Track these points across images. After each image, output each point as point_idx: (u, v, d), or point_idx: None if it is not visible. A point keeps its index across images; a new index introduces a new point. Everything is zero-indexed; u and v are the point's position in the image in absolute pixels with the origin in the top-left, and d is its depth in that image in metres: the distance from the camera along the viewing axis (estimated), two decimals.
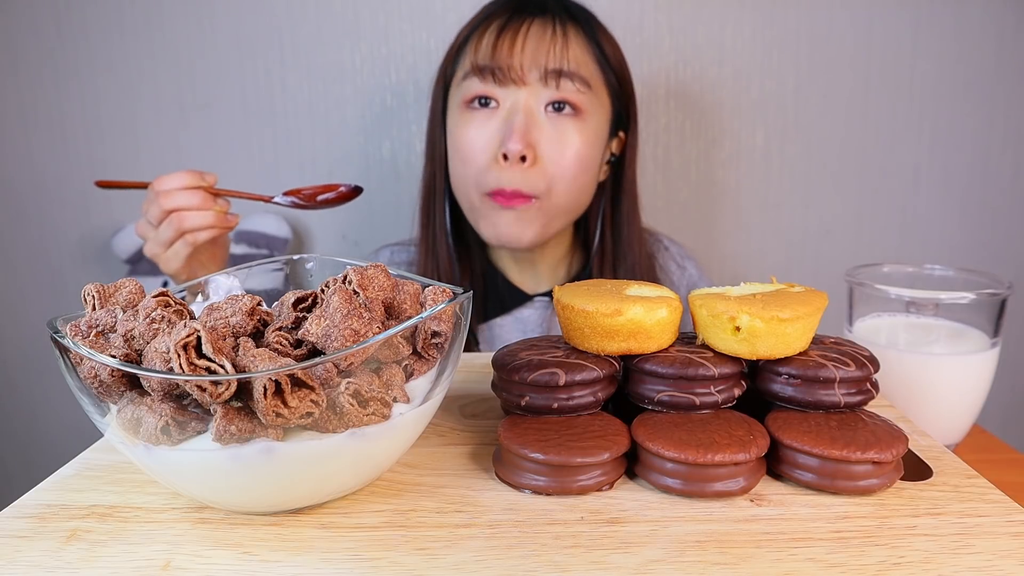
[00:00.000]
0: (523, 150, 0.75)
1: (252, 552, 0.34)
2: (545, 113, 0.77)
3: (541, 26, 0.77)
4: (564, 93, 0.76)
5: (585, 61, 0.78)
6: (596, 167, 0.81)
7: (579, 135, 0.77)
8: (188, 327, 0.32)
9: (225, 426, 0.32)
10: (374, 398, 0.35)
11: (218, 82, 1.05)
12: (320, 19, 1.04)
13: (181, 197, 0.71)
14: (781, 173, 1.09)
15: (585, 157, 0.78)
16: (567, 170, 0.77)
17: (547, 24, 0.77)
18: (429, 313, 0.37)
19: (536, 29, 0.76)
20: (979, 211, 1.10)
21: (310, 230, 1.11)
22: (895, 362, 0.60)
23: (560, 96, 0.76)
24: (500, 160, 0.76)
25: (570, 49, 0.76)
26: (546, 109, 0.77)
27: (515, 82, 0.76)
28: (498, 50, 0.76)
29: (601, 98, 0.80)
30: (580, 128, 0.77)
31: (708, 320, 0.43)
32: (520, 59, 0.75)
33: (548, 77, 0.75)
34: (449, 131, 0.81)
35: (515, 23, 0.77)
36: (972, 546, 0.34)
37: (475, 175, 0.78)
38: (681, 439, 0.38)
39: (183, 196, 0.71)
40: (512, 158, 0.75)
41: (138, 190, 0.75)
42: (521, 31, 0.76)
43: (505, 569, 0.33)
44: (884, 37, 1.05)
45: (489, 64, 0.76)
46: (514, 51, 0.76)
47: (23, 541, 0.35)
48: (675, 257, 0.94)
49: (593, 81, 0.78)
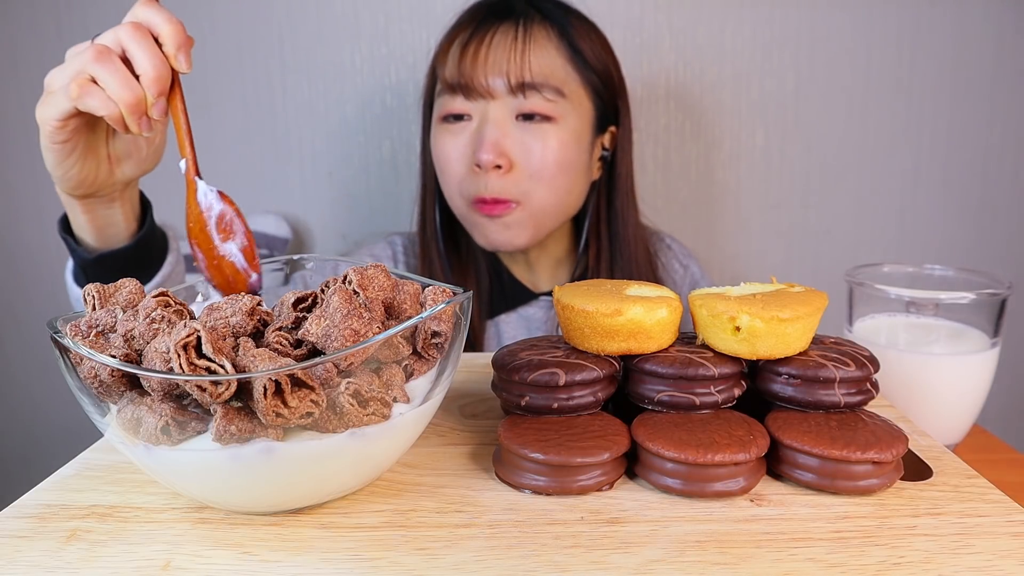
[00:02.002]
0: (495, 160, 0.75)
1: (252, 552, 0.34)
2: (516, 122, 0.77)
3: (504, 33, 0.76)
4: (532, 104, 0.76)
5: (554, 67, 0.77)
6: (580, 166, 0.80)
7: (555, 138, 0.77)
8: (188, 327, 0.32)
9: (225, 426, 0.32)
10: (374, 398, 0.35)
11: (218, 82, 1.05)
12: (320, 19, 1.04)
13: (134, 47, 0.49)
14: (781, 173, 1.09)
15: (563, 159, 0.78)
16: (544, 173, 0.77)
17: (510, 30, 0.76)
18: (429, 313, 0.37)
19: (499, 38, 0.76)
20: (979, 211, 1.10)
21: (310, 230, 1.11)
22: (895, 362, 0.60)
23: (529, 106, 0.76)
24: (475, 169, 0.77)
25: (534, 56, 0.75)
26: (517, 119, 0.77)
27: (482, 96, 0.76)
28: (463, 65, 0.76)
29: (577, 100, 0.79)
30: (555, 131, 0.77)
31: (708, 320, 0.43)
32: (484, 73, 0.75)
33: (514, 88, 0.75)
34: (431, 142, 0.83)
35: (479, 34, 0.77)
36: (972, 546, 0.34)
37: (456, 185, 0.79)
38: (681, 439, 0.38)
39: (135, 47, 0.49)
40: (485, 167, 0.76)
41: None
42: (484, 42, 0.76)
43: (505, 569, 0.33)
44: (884, 37, 1.05)
45: (456, 80, 0.77)
46: (477, 65, 0.76)
47: (23, 541, 0.35)
48: (678, 256, 0.94)
49: (566, 86, 0.77)
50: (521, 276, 0.89)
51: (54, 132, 0.53)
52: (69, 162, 0.56)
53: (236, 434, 0.32)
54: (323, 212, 1.10)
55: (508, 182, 0.77)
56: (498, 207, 0.77)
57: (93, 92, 0.50)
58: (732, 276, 1.11)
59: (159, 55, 0.50)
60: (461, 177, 0.79)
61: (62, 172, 0.57)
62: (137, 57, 0.49)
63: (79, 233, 0.63)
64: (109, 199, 0.61)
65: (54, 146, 0.54)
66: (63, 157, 0.55)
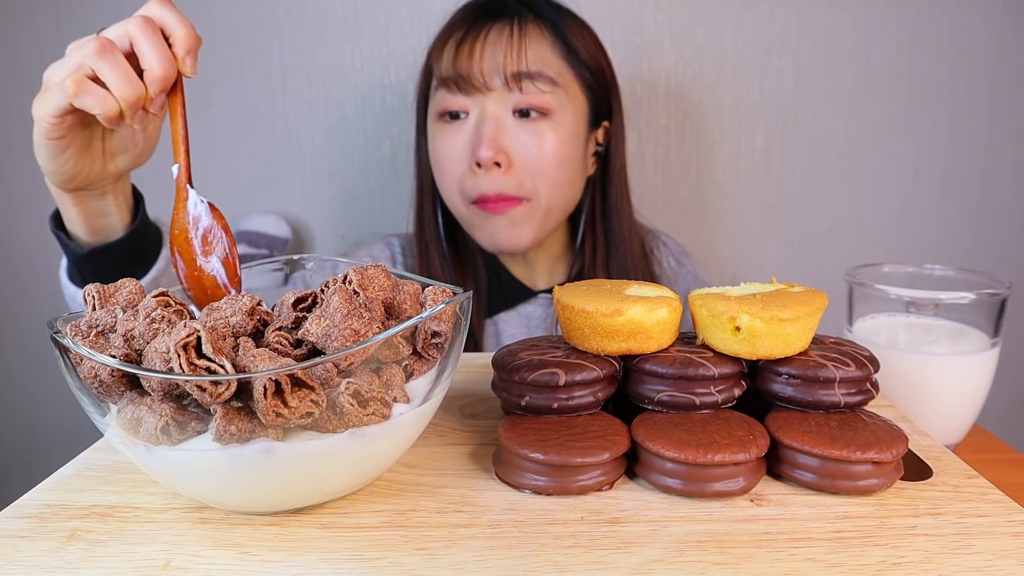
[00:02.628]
0: (494, 156, 0.75)
1: (252, 552, 0.34)
2: (513, 118, 0.77)
3: (499, 30, 0.77)
4: (529, 96, 0.76)
5: (548, 59, 0.77)
6: (577, 163, 0.81)
7: (552, 134, 0.77)
8: (188, 327, 0.32)
9: (225, 426, 0.32)
10: (374, 398, 0.35)
11: (218, 82, 1.05)
12: (320, 19, 1.04)
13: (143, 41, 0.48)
14: (781, 173, 1.09)
15: (561, 155, 0.78)
16: (544, 170, 0.77)
17: (504, 27, 0.77)
18: (429, 313, 0.37)
19: (494, 34, 0.76)
20: (979, 211, 1.10)
21: (310, 230, 1.11)
22: (895, 362, 0.60)
23: (526, 101, 0.76)
24: (475, 167, 0.77)
25: (529, 49, 0.76)
26: (514, 115, 0.77)
27: (479, 90, 0.76)
28: (458, 60, 0.76)
29: (572, 94, 0.79)
30: (552, 127, 0.77)
31: (708, 320, 0.43)
32: (480, 67, 0.76)
33: (510, 81, 0.76)
34: (428, 142, 0.82)
35: (474, 31, 0.77)
36: (972, 546, 0.34)
37: (456, 184, 0.79)
38: (681, 439, 0.38)
39: (145, 42, 0.48)
40: (485, 165, 0.76)
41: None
42: (479, 38, 0.76)
43: (505, 569, 0.33)
44: (884, 37, 1.05)
45: (452, 75, 0.77)
46: (473, 59, 0.76)
47: (23, 541, 0.35)
48: (673, 253, 0.94)
49: (561, 78, 0.78)
50: (519, 274, 0.89)
51: (49, 128, 0.53)
52: (63, 158, 0.55)
53: (236, 434, 0.32)
54: (323, 212, 1.10)
55: (509, 180, 0.77)
56: (504, 203, 0.77)
57: (90, 90, 0.49)
58: (732, 276, 1.11)
59: (168, 54, 0.49)
60: (460, 177, 0.79)
61: (55, 167, 0.56)
62: (146, 52, 0.48)
63: (71, 228, 0.62)
64: (101, 191, 0.60)
65: (48, 142, 0.54)
66: (57, 153, 0.54)
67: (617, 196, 0.85)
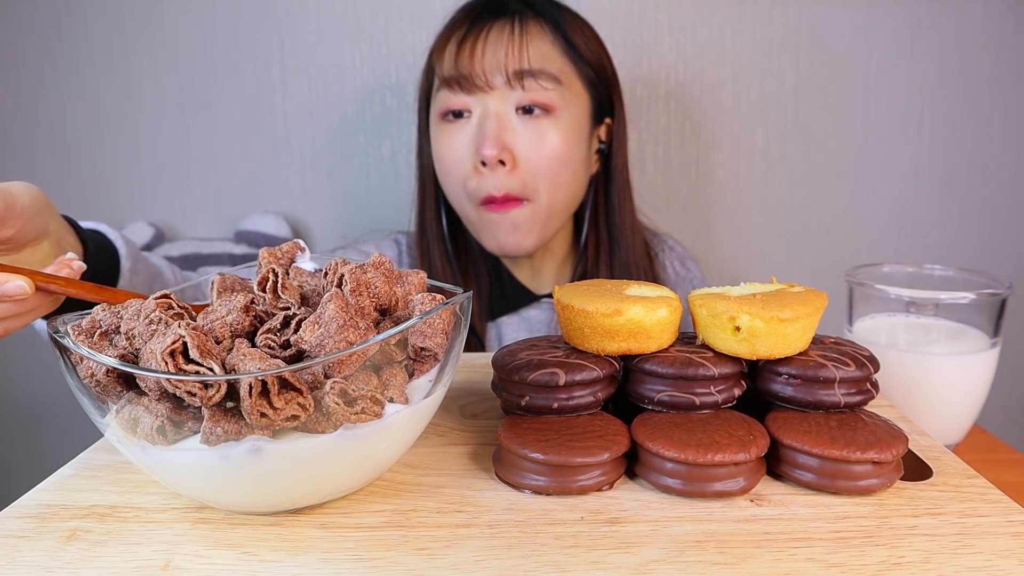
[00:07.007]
0: (499, 154, 0.75)
1: (252, 552, 0.34)
2: (517, 116, 0.77)
3: (500, 29, 0.77)
4: (531, 93, 0.76)
5: (550, 56, 0.77)
6: (581, 161, 0.81)
7: (556, 132, 0.77)
8: (174, 333, 0.32)
9: (212, 427, 0.32)
10: (363, 396, 0.34)
11: (218, 82, 1.05)
12: (320, 19, 1.04)
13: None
14: (781, 173, 1.09)
15: (564, 154, 0.78)
16: (548, 169, 0.77)
17: (505, 25, 0.77)
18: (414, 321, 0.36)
19: (495, 33, 0.76)
20: (979, 211, 1.10)
21: (310, 230, 1.11)
22: (895, 362, 0.60)
23: (528, 98, 0.76)
24: (480, 167, 0.77)
25: (531, 47, 0.76)
26: (517, 113, 0.77)
27: (481, 89, 0.76)
28: (460, 59, 0.76)
29: (575, 91, 0.79)
30: (556, 125, 0.77)
31: (708, 320, 0.43)
32: (482, 65, 0.75)
33: (512, 79, 0.75)
34: (431, 142, 0.82)
35: (475, 30, 0.77)
36: (972, 546, 0.34)
37: (461, 185, 0.79)
38: (681, 439, 0.38)
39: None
40: (490, 163, 0.76)
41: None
42: (481, 37, 0.76)
43: (505, 569, 0.33)
44: (884, 37, 1.05)
45: (454, 74, 0.77)
46: (475, 58, 0.76)
47: (23, 541, 0.35)
48: (679, 257, 0.94)
49: (563, 75, 0.78)
50: (523, 278, 0.89)
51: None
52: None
53: (222, 435, 0.32)
54: (323, 212, 1.10)
55: (514, 180, 0.76)
56: (508, 203, 0.77)
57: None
58: (732, 276, 1.11)
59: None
60: (465, 177, 0.78)
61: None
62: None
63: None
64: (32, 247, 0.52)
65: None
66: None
67: (619, 193, 0.85)
